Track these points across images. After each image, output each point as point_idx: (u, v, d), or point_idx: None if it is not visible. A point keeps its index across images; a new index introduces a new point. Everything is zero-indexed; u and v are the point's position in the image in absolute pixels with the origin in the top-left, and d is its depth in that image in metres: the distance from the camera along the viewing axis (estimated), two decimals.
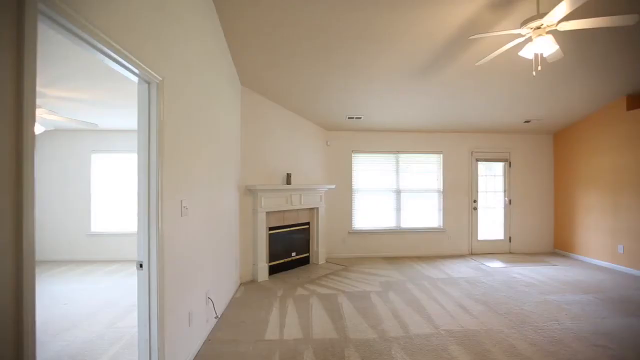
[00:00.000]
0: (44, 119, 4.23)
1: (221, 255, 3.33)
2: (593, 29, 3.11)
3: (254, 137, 4.48)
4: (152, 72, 1.83)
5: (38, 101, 3.91)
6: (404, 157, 6.04)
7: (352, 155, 5.91)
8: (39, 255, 5.48)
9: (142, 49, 1.73)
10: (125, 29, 1.58)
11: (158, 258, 1.89)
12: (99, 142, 5.78)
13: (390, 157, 6.01)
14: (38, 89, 3.55)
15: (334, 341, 2.76)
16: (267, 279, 4.48)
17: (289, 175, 4.83)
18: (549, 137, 6.26)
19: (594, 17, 2.47)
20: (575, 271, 4.90)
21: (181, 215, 2.25)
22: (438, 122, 5.63)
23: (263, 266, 4.45)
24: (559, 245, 6.12)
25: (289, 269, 4.96)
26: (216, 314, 3.05)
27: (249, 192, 4.39)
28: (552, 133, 6.22)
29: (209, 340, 2.75)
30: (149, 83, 1.90)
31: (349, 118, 5.32)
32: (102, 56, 1.49)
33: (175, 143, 2.14)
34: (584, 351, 2.58)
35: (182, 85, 2.27)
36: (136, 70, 1.71)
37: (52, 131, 5.54)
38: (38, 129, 4.15)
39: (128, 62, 1.61)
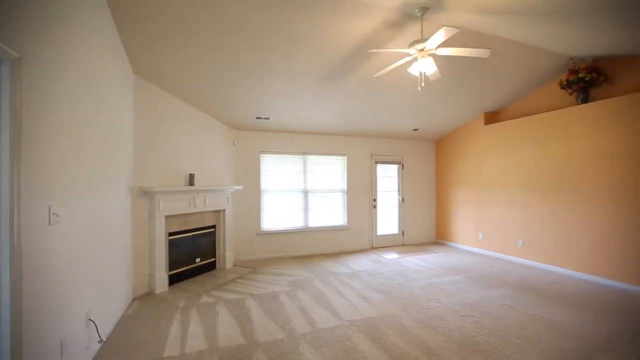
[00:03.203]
0: None
1: (107, 268, 2.88)
2: (462, 57, 3.77)
3: (150, 134, 4.01)
4: (5, 47, 1.46)
5: None
6: (311, 158, 6.25)
7: (261, 155, 5.84)
8: None
9: None
10: None
11: (12, 279, 1.52)
12: None
13: (298, 158, 6.15)
14: None
15: (241, 347, 2.67)
16: (166, 289, 4.06)
17: (191, 176, 4.48)
18: (432, 144, 7.35)
19: (462, 47, 2.99)
20: (451, 256, 5.86)
21: (49, 224, 1.86)
22: (343, 126, 6.01)
23: (162, 276, 4.02)
24: (439, 235, 7.23)
25: (193, 276, 4.60)
26: (100, 337, 2.62)
27: (145, 195, 3.91)
28: (434, 140, 7.32)
29: None
30: None
31: (257, 118, 5.24)
32: None
33: (40, 137, 1.76)
34: (455, 322, 3.11)
35: (52, 66, 1.88)
36: None
37: None
38: None
39: None
